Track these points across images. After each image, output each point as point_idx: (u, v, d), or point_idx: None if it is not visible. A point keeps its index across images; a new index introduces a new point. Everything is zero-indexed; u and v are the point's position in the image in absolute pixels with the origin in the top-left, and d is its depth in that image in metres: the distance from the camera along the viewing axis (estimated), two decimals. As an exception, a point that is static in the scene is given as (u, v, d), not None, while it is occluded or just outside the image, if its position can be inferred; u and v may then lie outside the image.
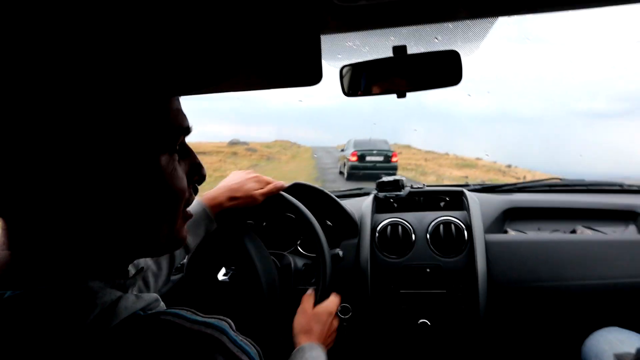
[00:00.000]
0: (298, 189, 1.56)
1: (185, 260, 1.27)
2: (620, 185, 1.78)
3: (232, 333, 0.45)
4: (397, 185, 1.64)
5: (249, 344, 0.46)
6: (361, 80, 1.25)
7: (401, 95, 1.19)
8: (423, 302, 1.47)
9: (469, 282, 1.44)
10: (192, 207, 1.10)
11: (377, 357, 1.59)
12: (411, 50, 1.17)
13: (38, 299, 0.41)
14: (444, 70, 1.15)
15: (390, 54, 1.18)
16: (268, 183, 1.26)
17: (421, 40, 1.21)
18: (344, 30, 1.03)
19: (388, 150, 13.91)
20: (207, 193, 1.15)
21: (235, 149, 31.26)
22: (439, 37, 1.22)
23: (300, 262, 1.38)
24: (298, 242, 1.60)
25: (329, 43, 1.23)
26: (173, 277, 1.27)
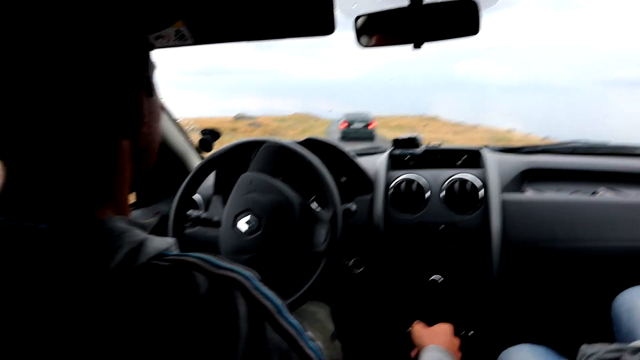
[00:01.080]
0: (312, 144, 1.55)
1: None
2: (646, 147, 1.71)
3: (256, 281, 0.45)
4: (413, 142, 1.62)
5: (274, 295, 0.46)
6: (375, 30, 1.21)
7: (417, 46, 1.16)
8: (436, 258, 1.47)
9: (483, 240, 1.42)
10: None
11: (388, 311, 1.60)
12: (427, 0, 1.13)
13: (69, 234, 0.41)
14: (461, 20, 1.11)
15: (405, 3, 1.15)
16: None
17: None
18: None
19: (368, 119, 20.11)
20: None
21: (238, 124, 29.95)
22: (458, -15, 1.17)
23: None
24: (313, 197, 1.60)
25: (343, -9, 1.20)
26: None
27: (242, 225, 1.22)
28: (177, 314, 0.39)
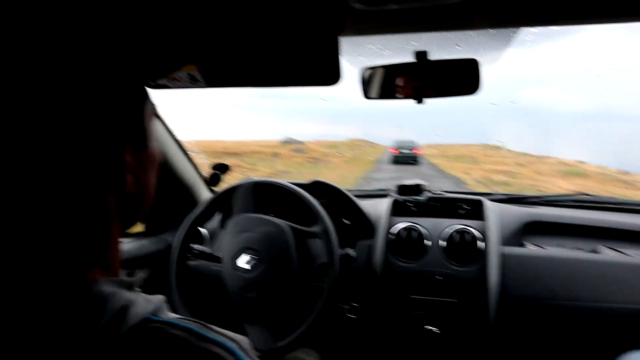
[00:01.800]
0: (317, 187, 1.58)
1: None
2: (654, 206, 1.70)
3: (240, 353, 0.44)
4: (417, 189, 1.63)
5: None
6: (381, 83, 1.25)
7: (420, 101, 1.19)
8: (433, 309, 1.46)
9: (480, 293, 1.42)
10: None
11: (384, 357, 1.59)
12: (433, 56, 1.17)
13: (45, 298, 0.40)
14: (463, 78, 1.14)
15: (411, 58, 1.18)
16: None
17: (443, 46, 1.20)
18: (365, 33, 1.04)
19: (413, 146, 24.02)
20: None
21: (281, 149, 29.23)
22: (461, 45, 1.21)
23: (317, 261, 1.40)
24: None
25: (350, 44, 1.24)
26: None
27: (243, 263, 1.25)
28: None
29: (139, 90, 0.50)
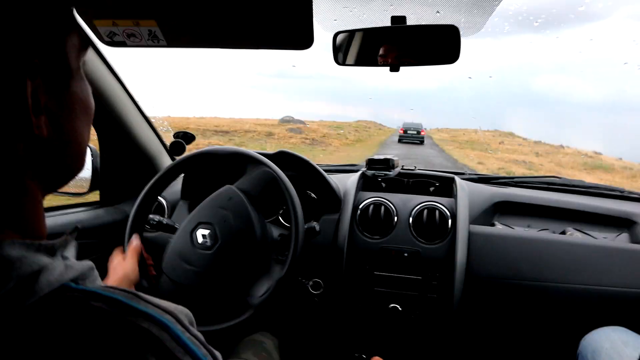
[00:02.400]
0: (283, 158, 1.51)
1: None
2: (621, 190, 1.71)
3: (177, 328, 0.38)
4: (388, 164, 1.59)
5: (199, 344, 0.39)
6: (355, 48, 1.19)
7: (394, 68, 1.14)
8: (397, 286, 1.43)
9: (446, 271, 1.40)
10: None
11: (346, 335, 1.56)
12: (411, 22, 1.11)
13: None
14: (442, 45, 1.09)
15: (387, 23, 1.12)
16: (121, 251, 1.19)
17: (423, 12, 1.15)
18: (340, -8, 0.98)
19: (419, 128, 26.46)
20: None
21: (277, 128, 27.35)
22: (441, 11, 1.16)
23: (276, 232, 1.34)
24: (280, 212, 1.56)
25: (324, 5, 1.17)
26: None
27: (199, 236, 1.18)
28: None
29: (54, 14, 0.42)
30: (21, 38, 0.38)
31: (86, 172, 1.55)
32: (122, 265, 1.11)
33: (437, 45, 1.10)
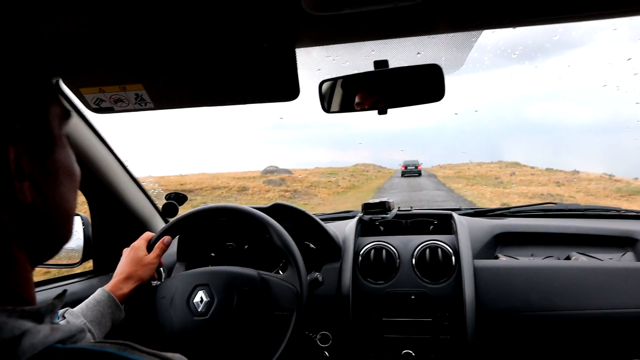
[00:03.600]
0: (279, 210, 1.50)
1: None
2: (618, 210, 1.71)
3: None
4: (384, 207, 1.58)
5: None
6: (341, 95, 1.20)
7: (382, 111, 1.14)
8: (407, 331, 1.39)
9: (456, 310, 1.36)
10: (96, 296, 1.06)
11: None
12: (393, 65, 1.13)
13: None
14: (426, 84, 1.11)
15: (371, 68, 1.14)
16: (148, 240, 1.24)
17: (403, 55, 1.17)
18: (321, 42, 0.99)
19: (417, 163, 32.16)
20: (107, 285, 1.11)
21: (255, 182, 24.98)
22: (422, 52, 1.18)
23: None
24: (280, 265, 1.53)
25: (307, 56, 1.19)
26: None
27: (197, 301, 1.14)
28: None
29: (35, 85, 0.44)
30: (2, 106, 0.39)
31: (78, 241, 1.52)
32: (139, 257, 1.18)
33: (421, 84, 1.11)
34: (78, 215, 1.54)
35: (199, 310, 1.12)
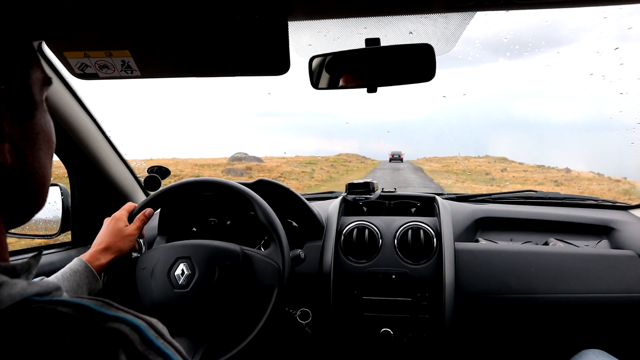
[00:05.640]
0: (263, 186, 1.49)
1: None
2: (595, 199, 1.75)
3: (149, 332, 0.38)
4: (368, 187, 1.58)
5: (174, 351, 0.39)
6: (330, 72, 1.19)
7: (372, 89, 1.14)
8: (387, 309, 1.41)
9: (435, 290, 1.38)
10: (72, 266, 1.05)
11: None
12: (385, 43, 1.12)
13: None
14: (417, 64, 1.10)
15: (362, 45, 1.13)
16: (130, 211, 1.22)
17: (395, 33, 1.16)
18: (314, 16, 0.98)
19: (400, 153, 42.90)
20: (84, 254, 1.09)
21: (214, 170, 23.67)
22: (414, 32, 1.17)
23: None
24: (262, 242, 1.53)
25: (299, 31, 1.18)
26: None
27: (179, 274, 1.13)
28: None
29: (18, 47, 0.43)
30: None
31: (56, 212, 1.49)
32: (119, 228, 1.15)
33: (412, 64, 1.11)
34: (57, 185, 1.51)
35: (180, 282, 1.11)
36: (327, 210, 1.56)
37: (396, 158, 42.72)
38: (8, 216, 0.43)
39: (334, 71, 1.18)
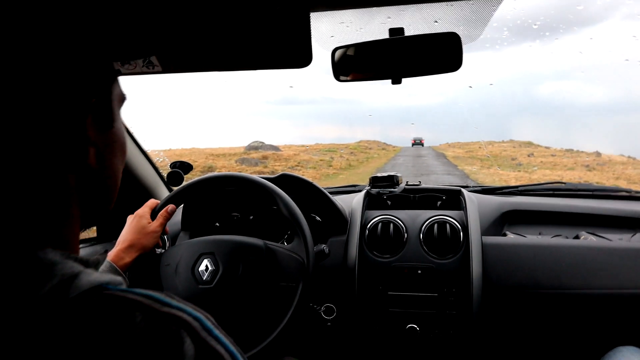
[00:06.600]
0: (286, 181, 1.48)
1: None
2: (628, 191, 1.69)
3: (208, 323, 0.42)
4: (392, 181, 1.56)
5: (230, 341, 0.43)
6: (353, 63, 1.17)
7: (396, 81, 1.11)
8: (413, 305, 1.38)
9: (462, 286, 1.35)
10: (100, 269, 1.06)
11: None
12: (409, 33, 1.10)
13: None
14: (443, 54, 1.07)
15: (385, 35, 1.11)
16: (152, 208, 1.24)
17: (420, 23, 1.14)
18: (336, 6, 0.96)
19: (421, 138, 48.76)
20: (110, 253, 1.11)
21: (228, 160, 22.50)
22: (439, 21, 1.14)
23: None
24: (285, 237, 1.52)
25: (321, 22, 1.16)
26: None
27: (203, 269, 1.13)
28: (107, 355, 0.35)
29: (104, 64, 0.49)
30: (85, 81, 0.45)
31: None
32: (142, 225, 1.17)
33: (438, 54, 1.08)
34: None
35: (204, 278, 1.11)
36: (351, 204, 1.54)
37: (417, 143, 48.20)
38: (83, 215, 0.48)
39: (357, 63, 1.16)
